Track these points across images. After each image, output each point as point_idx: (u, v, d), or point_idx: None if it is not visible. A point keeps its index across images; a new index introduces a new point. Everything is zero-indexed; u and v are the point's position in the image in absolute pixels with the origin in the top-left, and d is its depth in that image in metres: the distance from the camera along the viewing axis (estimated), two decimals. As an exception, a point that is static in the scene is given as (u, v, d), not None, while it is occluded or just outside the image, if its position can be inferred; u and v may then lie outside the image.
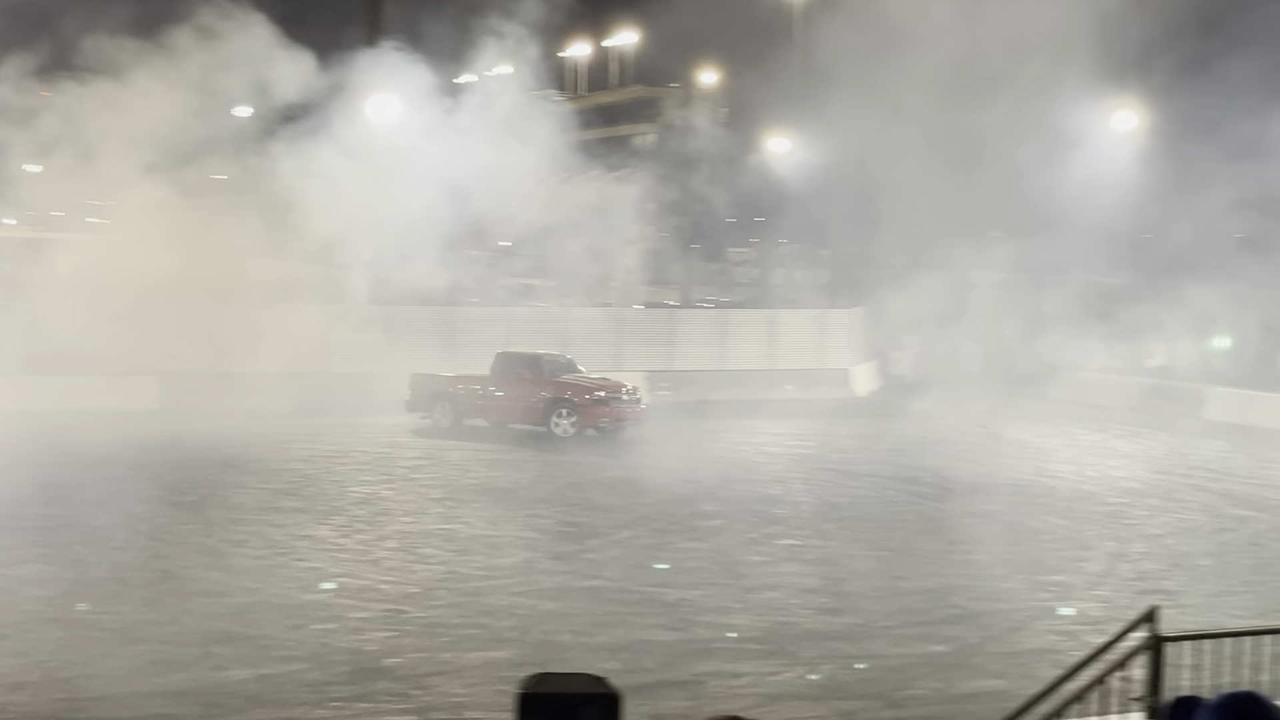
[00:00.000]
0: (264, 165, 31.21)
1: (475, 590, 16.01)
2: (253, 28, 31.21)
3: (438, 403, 29.97)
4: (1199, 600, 16.46)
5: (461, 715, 11.71)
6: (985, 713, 10.76)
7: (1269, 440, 30.54)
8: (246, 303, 30.76)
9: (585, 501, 21.96)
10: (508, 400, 29.43)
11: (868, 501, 22.77)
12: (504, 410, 29.50)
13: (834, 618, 15.32)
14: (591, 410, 29.10)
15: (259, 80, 31.50)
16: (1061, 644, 14.20)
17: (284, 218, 31.10)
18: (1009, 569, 17.84)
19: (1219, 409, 34.16)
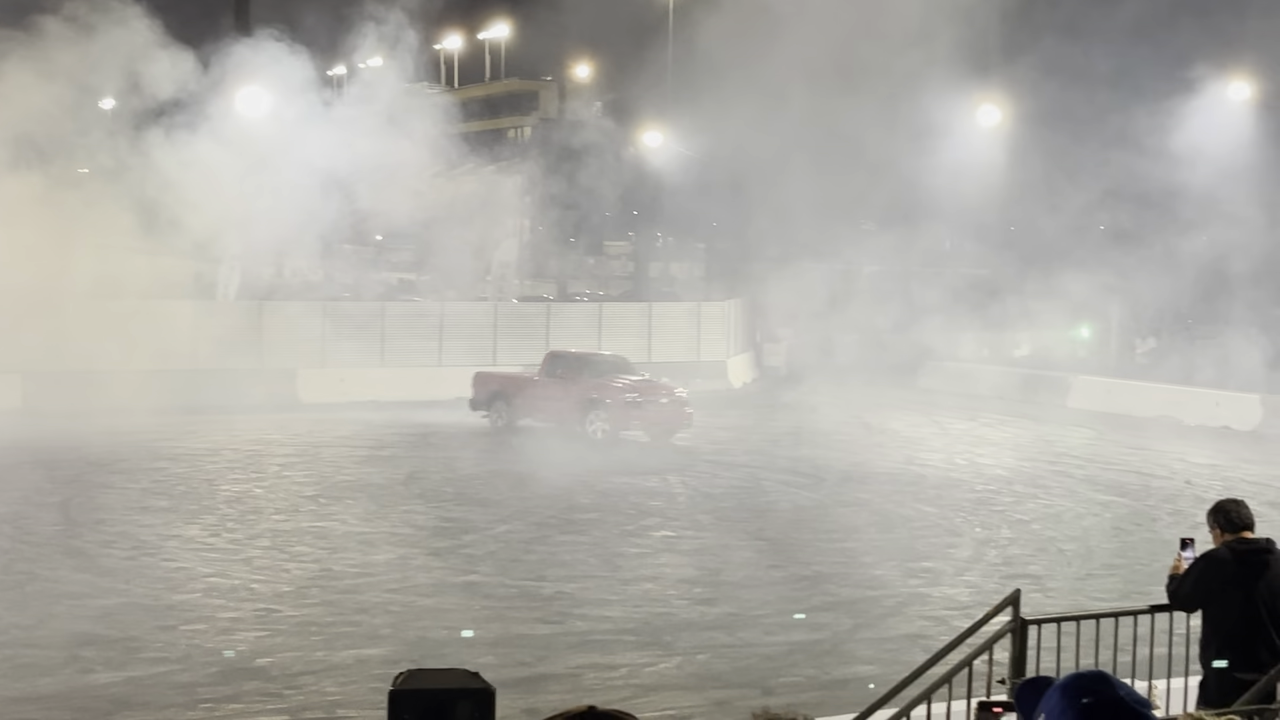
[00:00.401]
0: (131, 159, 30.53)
1: (349, 588, 15.86)
2: (120, 17, 30.51)
3: (494, 402, 29.44)
4: (1064, 584, 16.90)
5: (335, 714, 11.61)
6: (857, 698, 10.91)
7: (1131, 427, 31.40)
8: (113, 299, 30.09)
9: (462, 497, 21.86)
10: (550, 401, 28.50)
11: (743, 492, 22.98)
12: (547, 411, 28.54)
13: (710, 607, 15.45)
14: (623, 413, 27.75)
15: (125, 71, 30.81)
16: (931, 629, 14.47)
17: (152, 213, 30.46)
18: (880, 556, 18.14)
19: (1083, 397, 35.03)
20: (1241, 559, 8.02)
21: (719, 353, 39.35)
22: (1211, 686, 8.07)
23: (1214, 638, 8.09)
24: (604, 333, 37.63)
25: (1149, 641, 8.25)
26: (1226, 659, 7.99)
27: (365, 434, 28.18)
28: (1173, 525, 19.57)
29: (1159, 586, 8.34)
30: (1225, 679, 7.95)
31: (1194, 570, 8.05)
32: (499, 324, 36.61)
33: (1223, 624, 8.05)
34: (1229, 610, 8.00)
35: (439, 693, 5.50)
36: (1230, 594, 7.98)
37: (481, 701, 5.48)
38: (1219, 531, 8.19)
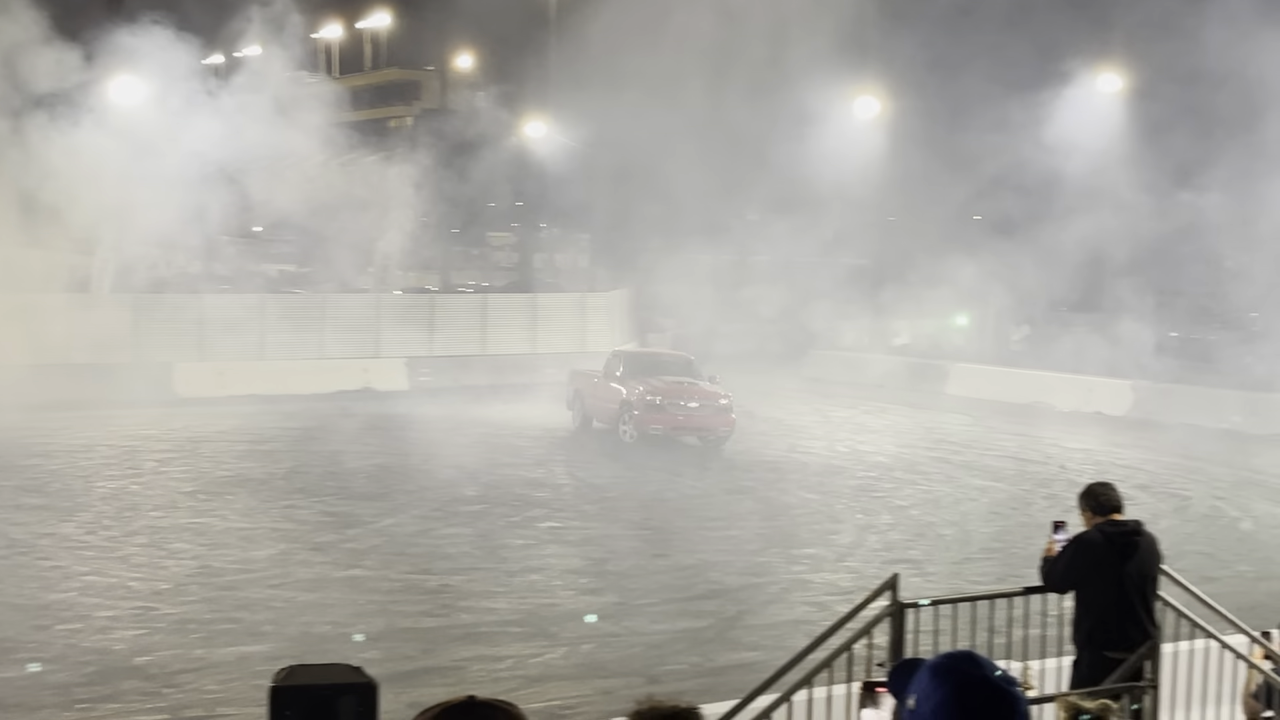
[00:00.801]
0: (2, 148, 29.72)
1: (229, 584, 15.63)
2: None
3: (575, 401, 28.93)
4: (943, 568, 17.21)
5: (215, 712, 11.44)
6: (740, 684, 11.01)
7: (1007, 413, 32.04)
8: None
9: (345, 490, 21.64)
10: (603, 401, 27.85)
11: (628, 481, 23.05)
12: (602, 411, 27.90)
13: (595, 597, 15.49)
14: (645, 416, 26.47)
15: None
16: (814, 614, 14.65)
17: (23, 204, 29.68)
18: (764, 544, 18.34)
19: (961, 384, 35.67)
20: (1112, 541, 8.25)
21: (604, 343, 39.37)
22: (1084, 666, 8.30)
23: (1085, 618, 8.31)
24: (489, 324, 37.48)
25: (1024, 623, 8.44)
26: (1098, 639, 8.22)
27: (245, 428, 27.77)
28: (1047, 509, 20.01)
29: (1034, 570, 8.55)
30: (1097, 658, 8.18)
31: (1066, 553, 8.26)
32: (382, 316, 36.27)
33: (1094, 604, 8.27)
34: (1100, 591, 8.23)
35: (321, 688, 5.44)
36: (1101, 575, 8.20)
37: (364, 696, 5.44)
38: (1089, 514, 8.41)
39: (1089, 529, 8.35)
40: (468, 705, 2.66)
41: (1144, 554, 8.31)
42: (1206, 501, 22.42)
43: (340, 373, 34.04)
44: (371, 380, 34.46)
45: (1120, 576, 8.20)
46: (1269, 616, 11.16)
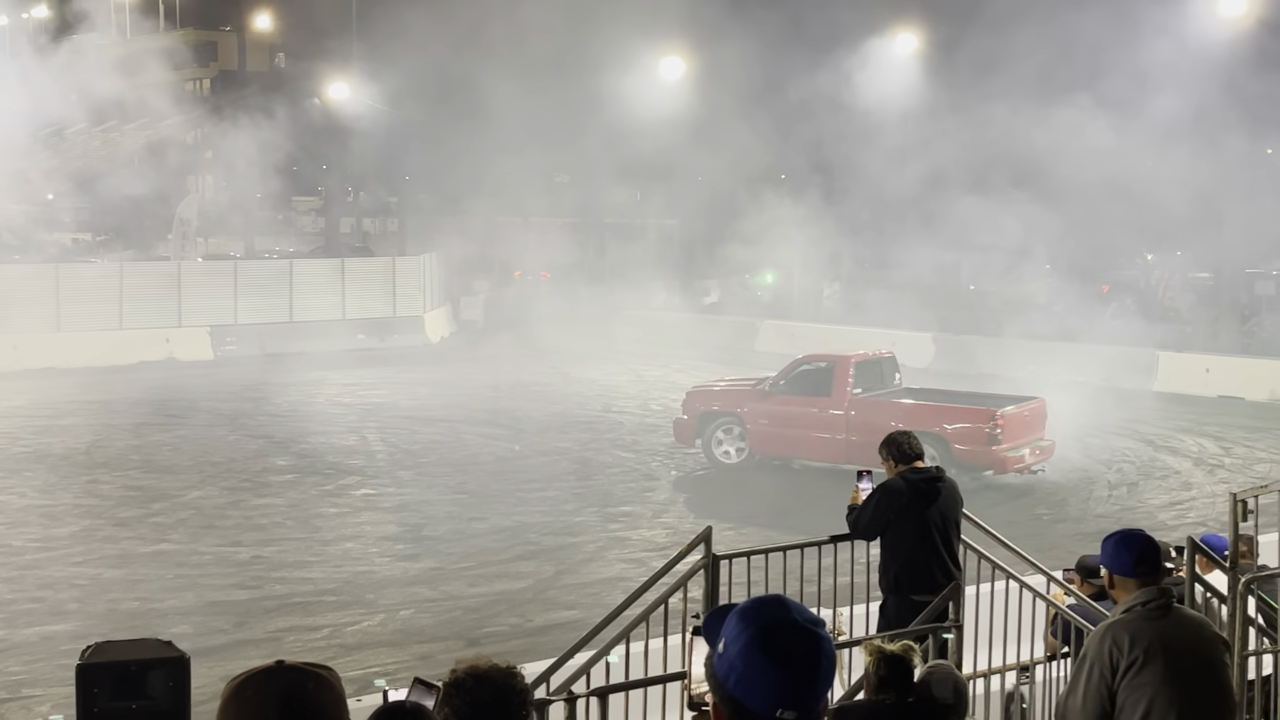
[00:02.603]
0: None
1: (30, 563, 15.14)
2: None
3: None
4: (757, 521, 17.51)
5: (19, 694, 11.10)
6: (559, 643, 11.09)
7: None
8: None
9: (150, 464, 21.08)
10: None
11: (443, 446, 22.91)
12: None
13: (412, 563, 15.42)
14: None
15: None
16: (631, 571, 14.82)
17: None
18: (581, 504, 18.45)
19: (769, 340, 36.24)
20: (915, 487, 8.53)
21: (415, 308, 39.01)
22: (890, 609, 8.57)
23: (892, 563, 8.59)
24: (295, 290, 36.76)
25: (833, 571, 8.66)
26: (905, 583, 8.49)
27: (43, 403, 26.78)
28: (855, 460, 20.48)
29: (842, 519, 8.78)
30: (903, 602, 8.45)
31: (871, 501, 8.52)
32: (183, 284, 35.28)
33: (900, 550, 8.55)
34: (905, 536, 8.51)
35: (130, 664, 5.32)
36: (906, 521, 8.48)
37: (176, 670, 5.33)
38: (892, 463, 8.68)
39: (893, 477, 8.62)
40: (276, 669, 2.63)
41: (946, 499, 8.61)
42: (1005, 448, 23.21)
43: (141, 343, 33.04)
44: (174, 350, 33.55)
45: (924, 522, 8.49)
46: (1065, 557, 11.68)
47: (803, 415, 20.43)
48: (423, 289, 39.51)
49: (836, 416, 20.22)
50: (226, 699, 2.61)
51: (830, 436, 20.15)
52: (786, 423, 20.51)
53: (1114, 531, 5.54)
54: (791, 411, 20.49)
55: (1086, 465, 21.67)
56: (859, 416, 19.82)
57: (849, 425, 19.94)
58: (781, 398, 20.70)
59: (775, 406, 20.68)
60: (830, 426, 20.20)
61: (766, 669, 2.41)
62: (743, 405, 21.05)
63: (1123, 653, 5.10)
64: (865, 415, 19.65)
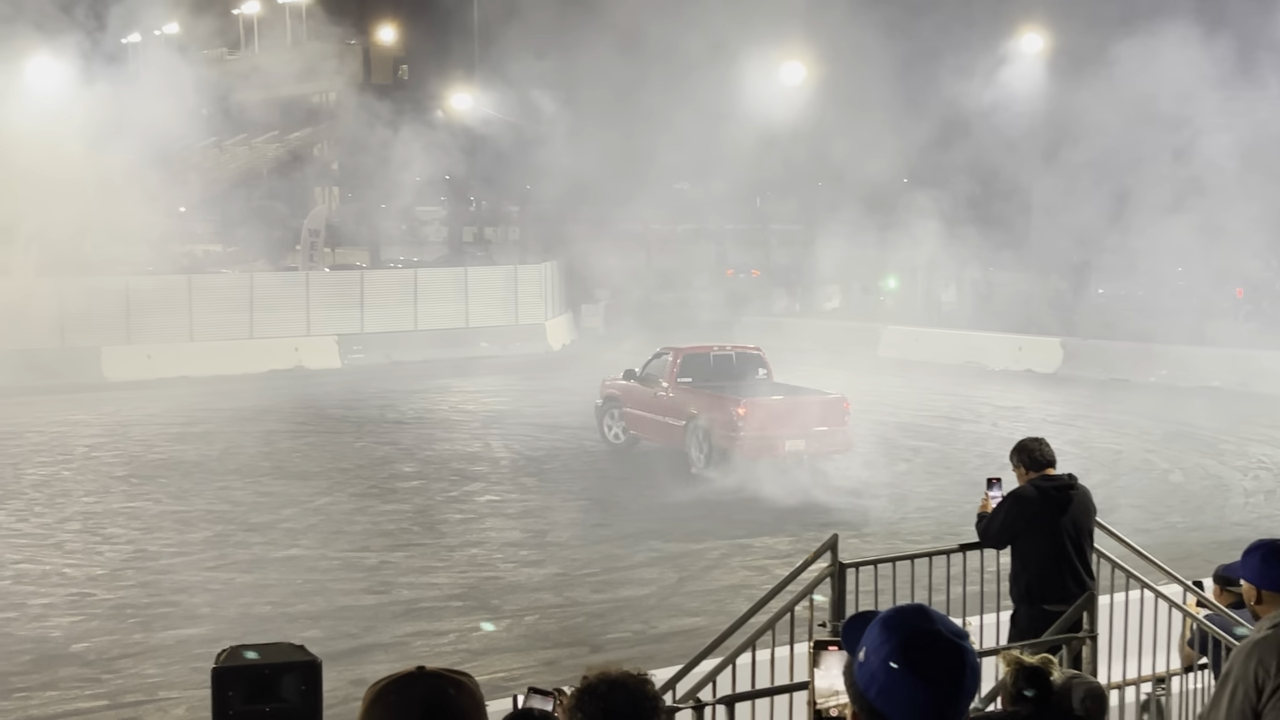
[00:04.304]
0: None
1: (165, 568, 15.48)
2: None
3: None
4: (880, 528, 17.35)
5: (156, 696, 11.34)
6: (683, 650, 11.07)
7: (938, 374, 32.30)
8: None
9: (280, 470, 21.46)
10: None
11: (566, 453, 23.02)
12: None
13: (536, 569, 15.49)
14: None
15: None
16: (754, 578, 14.74)
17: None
18: (703, 510, 18.40)
19: (892, 346, 35.92)
20: (1046, 495, 8.35)
21: (537, 315, 39.31)
22: (1022, 619, 8.40)
23: (1023, 572, 8.42)
24: (419, 299, 37.26)
25: (962, 580, 8.52)
26: (1036, 593, 8.32)
27: (177, 410, 27.43)
28: (981, 467, 20.24)
29: (970, 527, 8.63)
30: (1035, 612, 8.28)
31: (1002, 508, 8.35)
32: (311, 293, 35.94)
33: (1031, 559, 8.37)
34: (1036, 545, 8.33)
35: (263, 667, 5.39)
36: (1037, 529, 8.30)
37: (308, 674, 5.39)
38: (1023, 470, 8.51)
39: (1023, 484, 8.45)
40: (417, 675, 2.64)
41: (1078, 507, 8.42)
42: (1138, 455, 22.74)
43: (271, 352, 33.74)
44: (303, 359, 34.19)
45: (1056, 530, 8.31)
46: (1201, 566, 11.38)
47: (648, 402, 22.36)
48: (544, 297, 39.82)
49: (667, 402, 21.97)
50: (369, 703, 2.63)
51: (662, 420, 21.94)
52: (641, 408, 22.55)
53: (1259, 542, 5.33)
54: (643, 398, 22.49)
55: (1221, 471, 21.13)
56: (678, 403, 21.67)
57: (674, 410, 21.71)
58: (640, 386, 22.69)
59: (636, 394, 22.71)
60: (663, 411, 21.98)
61: (909, 680, 2.36)
62: (623, 393, 23.10)
63: (1269, 674, 4.91)
64: (681, 402, 21.58)
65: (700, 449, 21.03)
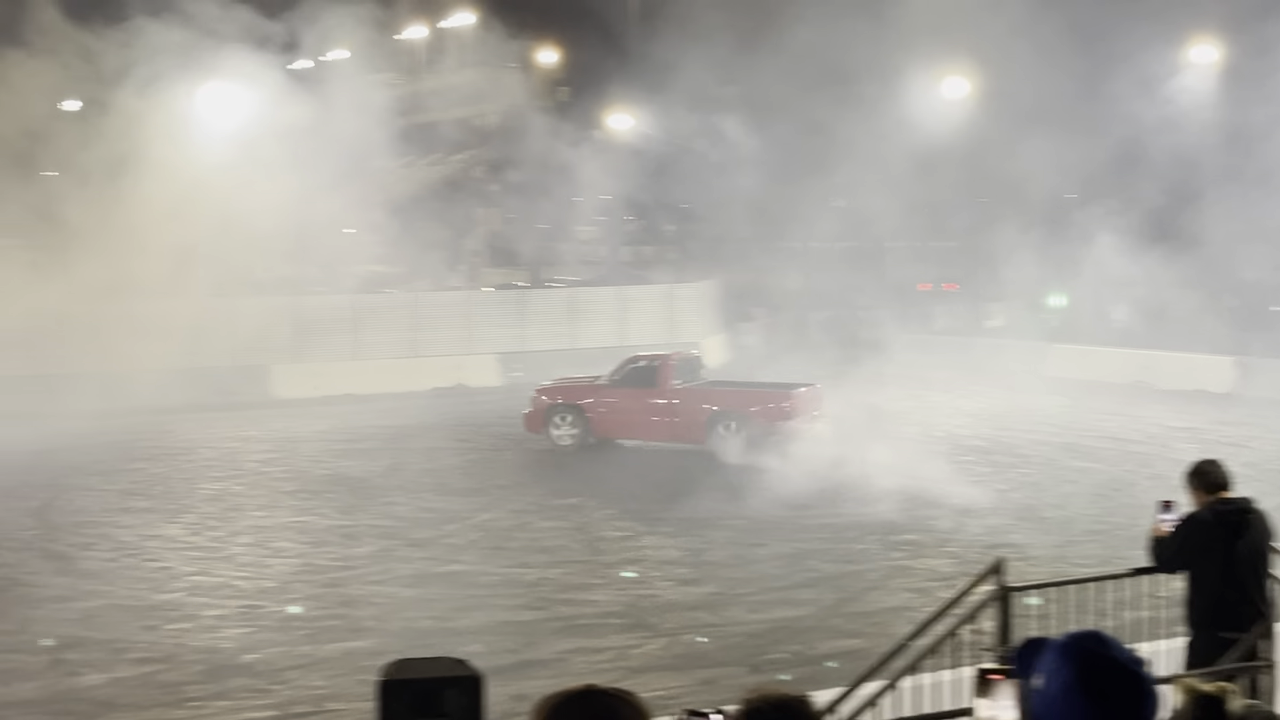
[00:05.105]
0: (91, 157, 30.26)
1: (332, 581, 15.83)
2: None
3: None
4: (1045, 552, 16.96)
5: (323, 707, 11.58)
6: (843, 672, 10.95)
7: (1106, 393, 31.52)
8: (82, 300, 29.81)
9: (442, 487, 21.79)
10: None
11: (721, 470, 22.90)
12: None
13: (693, 588, 15.47)
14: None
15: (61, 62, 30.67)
16: (915, 601, 14.53)
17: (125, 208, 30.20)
18: (862, 531, 18.19)
19: (1059, 365, 35.14)
20: (1222, 519, 8.06)
21: (694, 334, 39.34)
22: (1198, 646, 8.12)
23: (1198, 598, 8.14)
24: (579, 318, 37.59)
25: (1132, 605, 8.29)
26: (1211, 619, 8.04)
27: (342, 428, 28.07)
28: (1151, 489, 19.62)
29: (1139, 550, 8.39)
30: (1210, 639, 8.00)
31: (1178, 533, 8.08)
32: (473, 312, 36.50)
33: (1206, 584, 8.09)
34: (1211, 570, 8.05)
35: (427, 681, 5.47)
36: (1212, 554, 8.03)
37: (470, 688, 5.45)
38: (1199, 493, 8.23)
39: (1199, 508, 8.18)
40: (588, 693, 2.65)
41: (1255, 531, 8.13)
42: (1316, 478, 21.89)
43: (434, 370, 34.32)
44: (465, 377, 34.70)
45: (1232, 555, 8.02)
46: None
47: (638, 403, 24.85)
48: (700, 316, 39.84)
49: (662, 404, 24.75)
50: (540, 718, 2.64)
51: (659, 420, 24.67)
52: (628, 409, 24.91)
53: None
54: (629, 400, 24.93)
55: None
56: (680, 403, 24.67)
57: (672, 410, 24.63)
58: (617, 390, 25.17)
59: (614, 397, 25.12)
60: (658, 411, 24.69)
61: (1088, 708, 2.29)
62: (582, 398, 25.40)
63: None
64: (686, 401, 24.64)
65: (733, 440, 23.79)
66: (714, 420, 24.32)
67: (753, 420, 23.93)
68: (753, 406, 24.23)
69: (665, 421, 24.67)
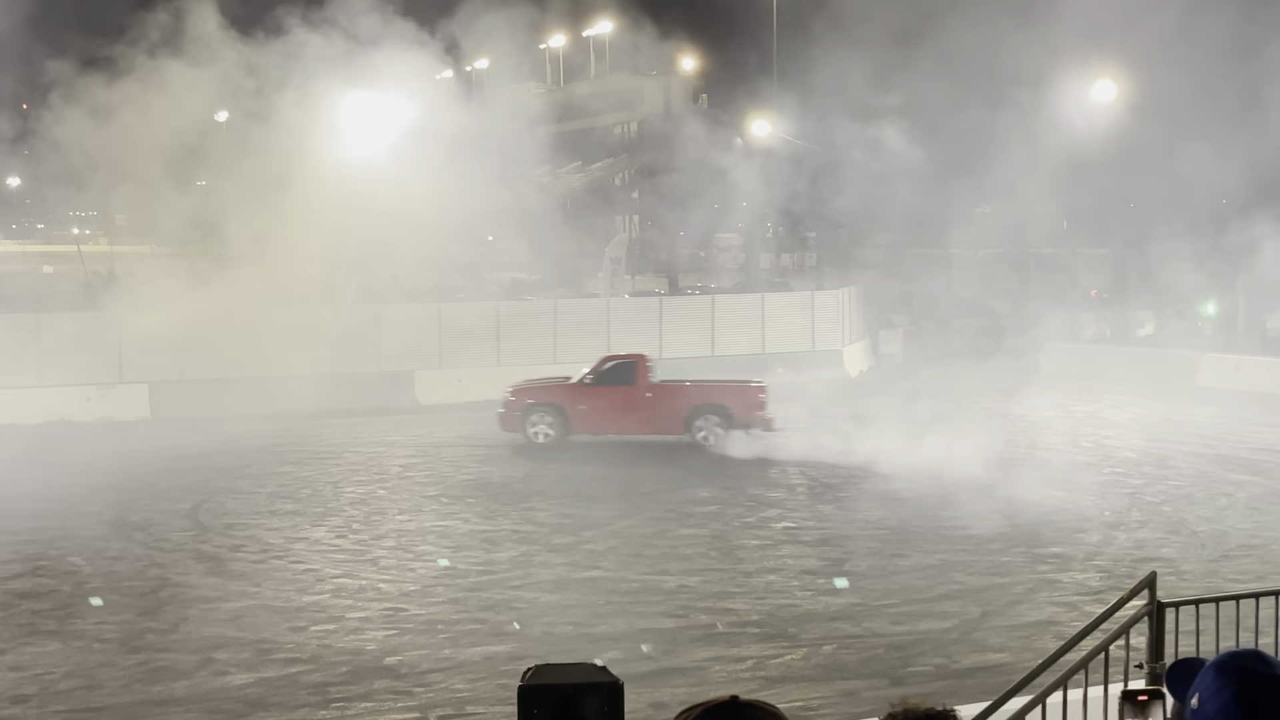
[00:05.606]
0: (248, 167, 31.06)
1: (473, 585, 15.98)
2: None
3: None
4: (1198, 566, 16.49)
5: (464, 711, 11.69)
6: (989, 687, 10.74)
7: (1261, 404, 30.57)
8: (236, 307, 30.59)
9: (580, 493, 21.89)
10: None
11: (864, 481, 22.68)
12: None
13: (834, 598, 15.32)
14: None
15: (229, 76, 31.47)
16: (1062, 615, 14.22)
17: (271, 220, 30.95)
18: (1006, 543, 17.86)
19: (1212, 375, 34.20)
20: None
21: (834, 342, 39.06)
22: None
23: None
24: (717, 325, 37.54)
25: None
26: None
27: (484, 434, 28.33)
28: (1310, 504, 19.02)
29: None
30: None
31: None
32: (612, 319, 36.67)
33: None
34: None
35: (568, 687, 5.47)
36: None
37: (610, 695, 5.43)
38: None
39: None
40: (731, 704, 2.61)
41: None
42: None
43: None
44: (604, 384, 34.81)
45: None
46: None
47: (615, 400, 26.46)
48: (841, 323, 39.53)
49: (643, 399, 26.55)
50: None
51: (640, 414, 26.42)
52: (607, 407, 26.47)
53: None
54: (608, 398, 26.53)
55: None
56: (660, 398, 26.57)
57: (652, 404, 26.47)
58: (597, 388, 26.70)
59: (593, 396, 26.62)
60: (639, 406, 26.45)
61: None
62: (561, 397, 26.83)
63: None
64: (665, 396, 26.61)
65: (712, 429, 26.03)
66: (694, 414, 26.31)
67: (731, 412, 26.20)
68: (730, 400, 26.49)
69: (646, 416, 26.41)
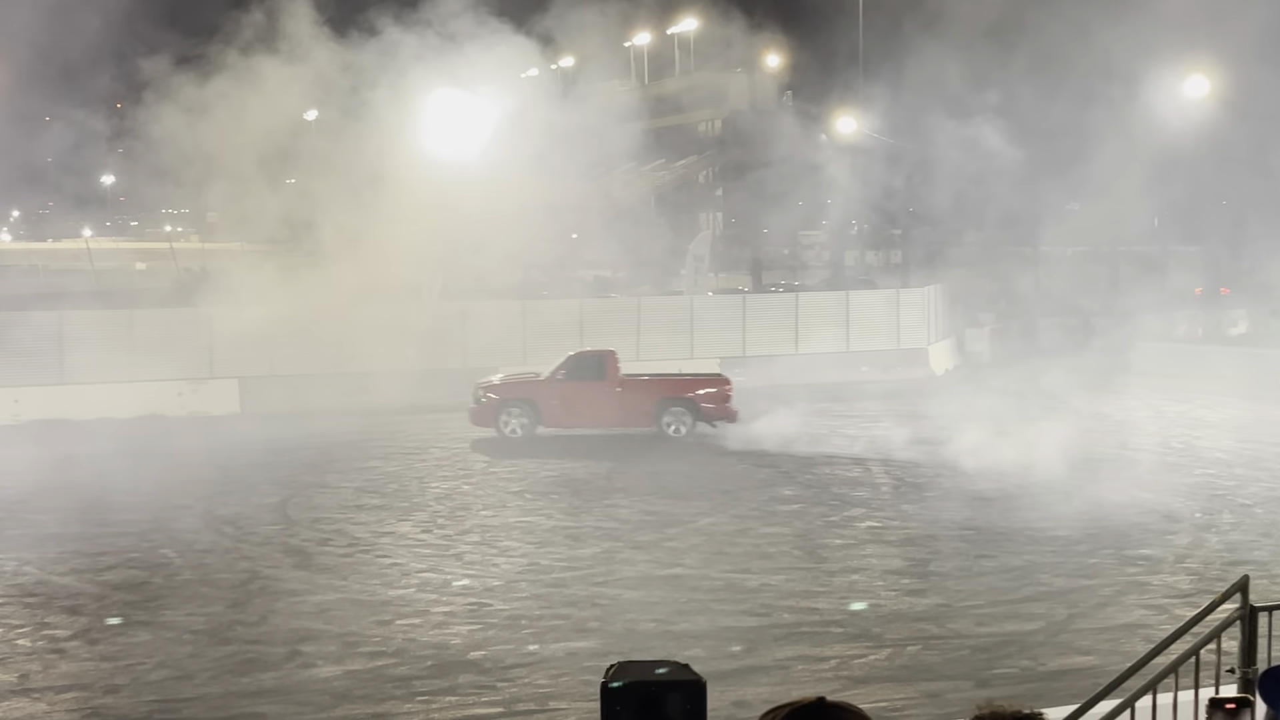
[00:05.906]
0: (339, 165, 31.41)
1: (557, 581, 16.05)
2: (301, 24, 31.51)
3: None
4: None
5: (547, 706, 11.74)
6: (1075, 689, 10.62)
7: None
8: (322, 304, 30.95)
9: (664, 490, 21.92)
10: None
11: (949, 480, 22.52)
12: None
13: (918, 599, 15.21)
14: None
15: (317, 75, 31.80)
16: (1151, 618, 14.02)
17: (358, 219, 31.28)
18: (1094, 545, 17.64)
19: (1306, 375, 33.45)
20: None
21: (919, 340, 38.74)
22: None
23: None
24: (801, 323, 37.38)
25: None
26: None
27: (564, 431, 28.43)
28: None
29: None
30: None
31: None
32: (695, 317, 36.65)
33: None
34: None
35: (651, 685, 5.48)
36: None
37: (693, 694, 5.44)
38: None
39: None
40: (818, 705, 2.61)
41: None
42: None
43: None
44: (687, 381, 34.81)
45: None
46: None
47: (586, 394, 27.25)
48: (926, 321, 39.20)
49: (612, 393, 27.37)
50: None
51: (611, 408, 27.29)
52: (579, 402, 27.21)
53: None
54: (581, 393, 27.27)
55: None
56: (630, 392, 27.51)
57: (622, 398, 27.35)
58: (567, 383, 27.40)
59: (566, 391, 27.31)
60: (609, 400, 27.28)
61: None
62: (534, 393, 27.44)
63: None
64: (634, 390, 27.58)
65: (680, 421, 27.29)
66: (662, 406, 27.37)
67: (699, 404, 27.43)
68: (698, 392, 27.60)
69: (615, 409, 27.30)
